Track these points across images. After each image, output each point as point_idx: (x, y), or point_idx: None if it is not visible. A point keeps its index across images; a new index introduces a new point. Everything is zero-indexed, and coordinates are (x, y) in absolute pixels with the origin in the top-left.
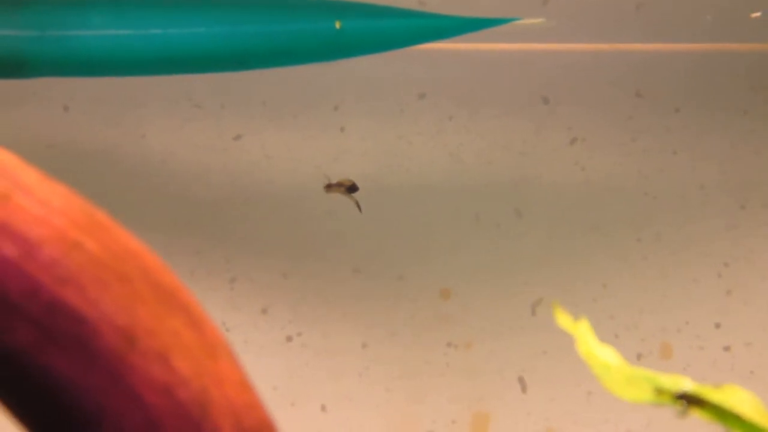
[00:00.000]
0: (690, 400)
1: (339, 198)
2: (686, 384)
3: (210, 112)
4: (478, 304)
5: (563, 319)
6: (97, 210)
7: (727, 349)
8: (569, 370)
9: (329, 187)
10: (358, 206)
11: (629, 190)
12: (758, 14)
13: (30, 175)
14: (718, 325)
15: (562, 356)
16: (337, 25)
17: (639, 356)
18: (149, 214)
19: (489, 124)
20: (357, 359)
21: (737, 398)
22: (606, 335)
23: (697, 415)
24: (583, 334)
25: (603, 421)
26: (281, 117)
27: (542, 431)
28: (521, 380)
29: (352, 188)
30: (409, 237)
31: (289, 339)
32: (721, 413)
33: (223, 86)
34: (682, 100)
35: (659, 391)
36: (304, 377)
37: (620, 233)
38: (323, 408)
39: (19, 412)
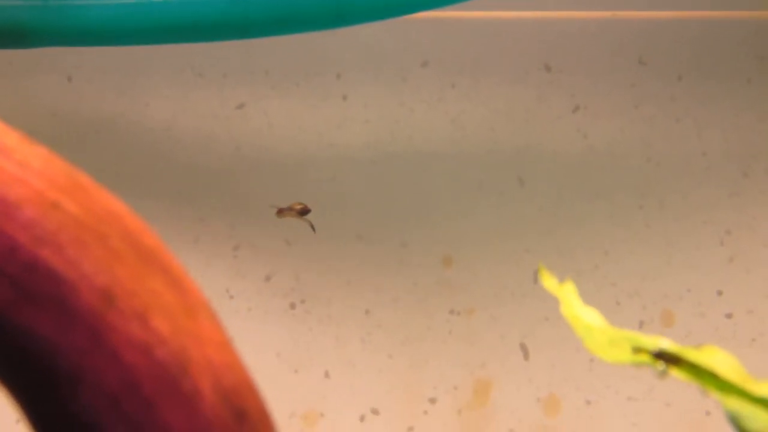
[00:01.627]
0: (667, 359)
1: (343, 166)
2: (663, 343)
3: (213, 80)
4: (481, 271)
5: (549, 282)
6: (77, 172)
7: (729, 316)
8: (571, 337)
9: (281, 212)
10: (312, 228)
11: (632, 157)
12: None
13: (9, 137)
14: (720, 293)
15: (563, 323)
16: None
17: (641, 323)
18: (153, 182)
19: (491, 92)
20: (360, 326)
21: (716, 359)
22: (608, 302)
23: (675, 374)
24: (567, 296)
25: (605, 387)
26: (284, 85)
27: (544, 397)
28: (523, 347)
29: (303, 211)
30: (412, 204)
31: (292, 306)
32: (697, 372)
33: (225, 55)
34: (685, 68)
35: (637, 350)
36: (307, 344)
37: (623, 200)
38: (327, 374)
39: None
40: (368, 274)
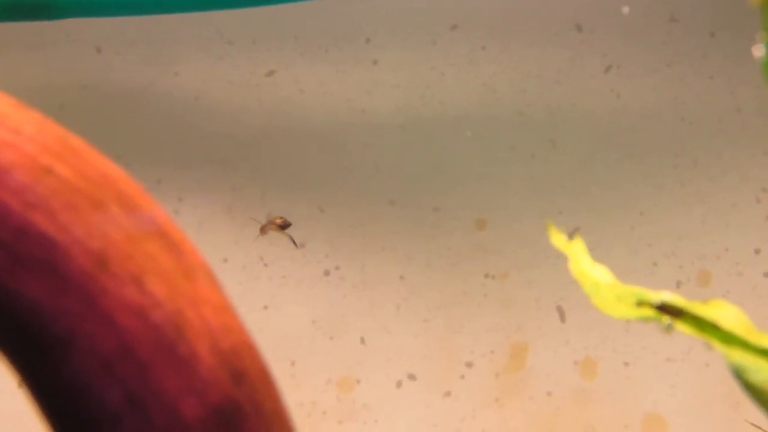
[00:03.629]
0: (669, 312)
1: (374, 132)
2: (665, 296)
3: (242, 48)
4: (514, 234)
5: (557, 238)
6: (72, 136)
7: (767, 275)
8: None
9: (263, 229)
10: (294, 242)
11: (665, 116)
12: None
13: (2, 103)
14: (758, 251)
15: None
16: None
17: (678, 284)
18: (184, 151)
19: (522, 54)
20: (395, 291)
21: (722, 312)
22: (644, 263)
23: (679, 328)
24: (575, 253)
25: (642, 348)
26: (313, 51)
27: (581, 360)
28: (559, 309)
29: (284, 225)
30: (444, 169)
31: (326, 273)
32: (701, 325)
33: (254, 22)
34: (717, 24)
35: (640, 304)
36: (342, 310)
37: (657, 160)
38: (362, 340)
39: None
40: (402, 240)
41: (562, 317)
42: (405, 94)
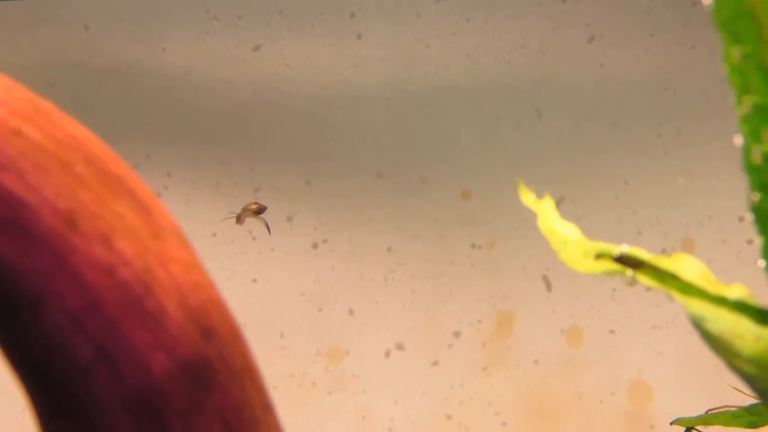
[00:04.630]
0: (629, 263)
1: (360, 105)
2: (624, 248)
3: (228, 23)
4: (500, 204)
5: (526, 197)
6: (40, 99)
7: (750, 242)
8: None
9: (239, 218)
10: (268, 228)
11: (649, 85)
12: None
13: None
14: (741, 219)
15: None
16: None
17: (663, 251)
18: (172, 127)
19: (506, 24)
20: (382, 263)
21: (683, 264)
22: (629, 231)
23: (640, 279)
24: (544, 210)
25: (628, 316)
26: (299, 26)
27: (567, 328)
28: (545, 278)
29: (259, 210)
30: (430, 140)
31: (314, 245)
32: (661, 276)
33: None
34: None
35: (599, 256)
36: (330, 282)
37: (641, 129)
38: (351, 312)
39: None
40: (389, 212)
41: (549, 286)
42: (390, 67)
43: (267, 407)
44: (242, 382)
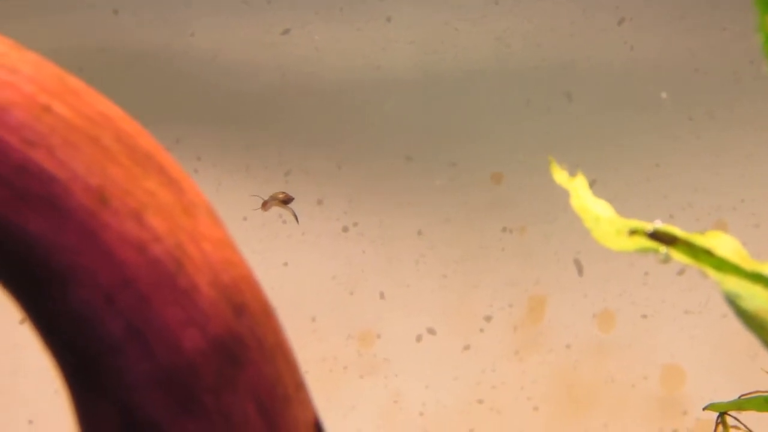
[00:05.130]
0: (663, 240)
1: (389, 88)
2: (657, 223)
3: (257, 7)
4: (531, 188)
5: (559, 175)
6: (70, 76)
7: None
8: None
9: (265, 204)
10: (295, 217)
11: (679, 68)
12: None
13: None
14: None
15: None
16: None
17: None
18: (201, 111)
19: (535, 7)
20: (413, 246)
21: (717, 241)
22: (660, 215)
23: (674, 256)
24: (577, 188)
25: (660, 301)
26: (328, 9)
27: (599, 313)
28: (577, 262)
29: (286, 200)
30: (460, 124)
31: (345, 229)
32: (695, 253)
33: None
34: None
35: (633, 232)
36: (361, 266)
37: (672, 112)
38: (382, 295)
39: None
40: (419, 195)
41: (580, 270)
42: (419, 50)
43: (299, 385)
44: (274, 360)
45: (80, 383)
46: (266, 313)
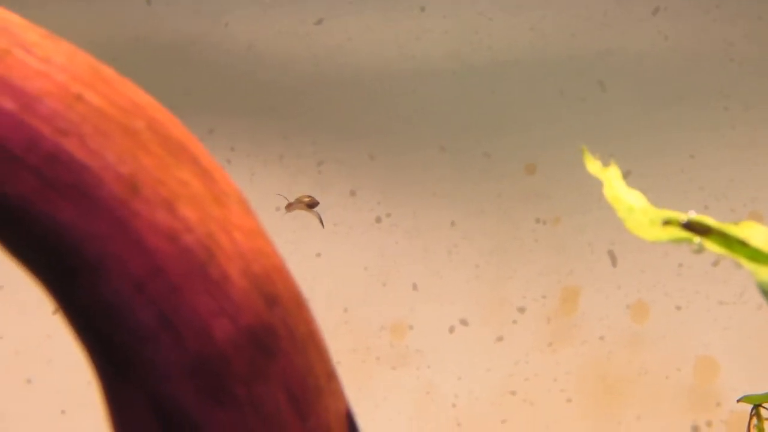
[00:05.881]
0: (697, 230)
1: (423, 78)
2: (692, 213)
3: None
4: (565, 178)
5: (592, 165)
6: (102, 65)
7: None
8: (659, 243)
9: (289, 205)
10: (321, 221)
11: (715, 58)
12: None
13: (32, 33)
14: None
15: None
16: None
17: None
18: (235, 102)
19: None
20: (446, 237)
21: (751, 231)
22: (695, 206)
23: (708, 246)
24: (610, 178)
25: (694, 292)
26: None
27: (633, 304)
28: (611, 254)
29: (311, 204)
30: (493, 114)
31: (378, 220)
32: (729, 243)
33: None
34: None
35: (667, 222)
36: (394, 257)
37: (707, 103)
38: (414, 286)
39: (26, 259)
40: (453, 186)
41: (614, 261)
42: (454, 40)
43: (331, 376)
44: (306, 351)
45: (112, 373)
46: (298, 303)
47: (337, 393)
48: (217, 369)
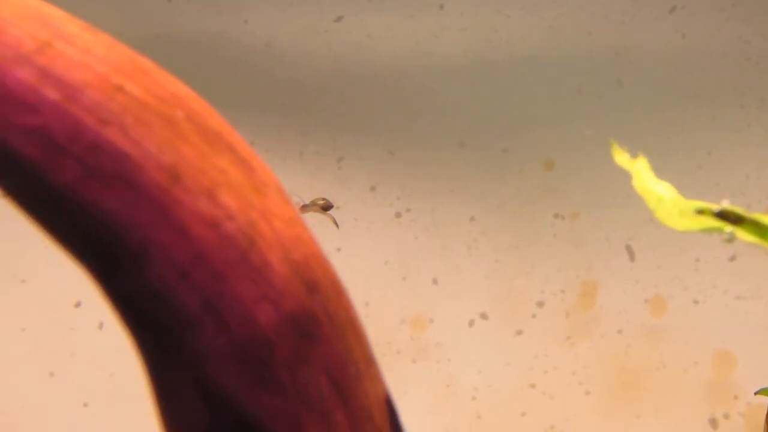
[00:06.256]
0: (729, 219)
1: (441, 75)
2: (724, 203)
3: None
4: (583, 174)
5: (620, 156)
6: (141, 57)
7: None
8: (676, 237)
9: (304, 207)
10: (335, 223)
11: (731, 56)
12: None
13: (72, 25)
14: None
15: None
16: None
17: None
18: (255, 98)
19: None
20: (465, 232)
21: None
22: (712, 202)
23: (740, 235)
24: (639, 170)
25: (712, 286)
26: None
27: (651, 298)
28: (629, 248)
29: (326, 206)
30: (512, 110)
31: (398, 215)
32: (761, 231)
33: None
34: None
35: (700, 212)
36: (414, 252)
37: (723, 100)
38: (434, 281)
39: (72, 248)
40: (472, 181)
41: (632, 256)
42: (472, 38)
43: (370, 361)
44: (346, 336)
45: (158, 358)
46: (337, 290)
47: (377, 377)
48: (261, 354)
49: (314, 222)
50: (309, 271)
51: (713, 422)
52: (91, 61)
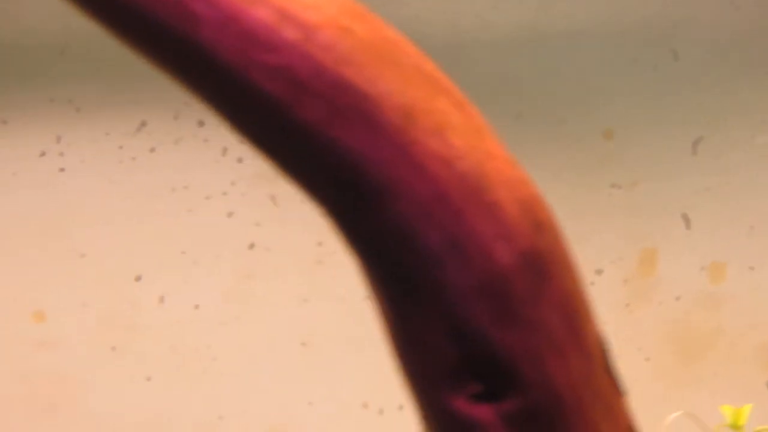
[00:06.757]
0: None
1: (500, 46)
2: None
3: None
4: (640, 144)
5: None
6: (355, 2)
7: None
8: (731, 206)
9: None
10: None
11: None
12: None
13: None
14: None
15: (724, 192)
16: None
17: None
18: None
19: None
20: None
21: None
22: (766, 170)
23: None
24: None
25: (766, 253)
26: None
27: (707, 265)
28: (685, 217)
29: None
30: (569, 81)
31: None
32: None
33: None
34: None
35: None
36: None
37: None
38: None
39: (314, 188)
40: (529, 152)
41: (688, 224)
42: (530, 9)
43: (589, 302)
44: (570, 275)
45: (402, 299)
46: (556, 230)
47: (593, 318)
48: (502, 290)
49: None
50: (534, 211)
51: None
52: (320, 3)
